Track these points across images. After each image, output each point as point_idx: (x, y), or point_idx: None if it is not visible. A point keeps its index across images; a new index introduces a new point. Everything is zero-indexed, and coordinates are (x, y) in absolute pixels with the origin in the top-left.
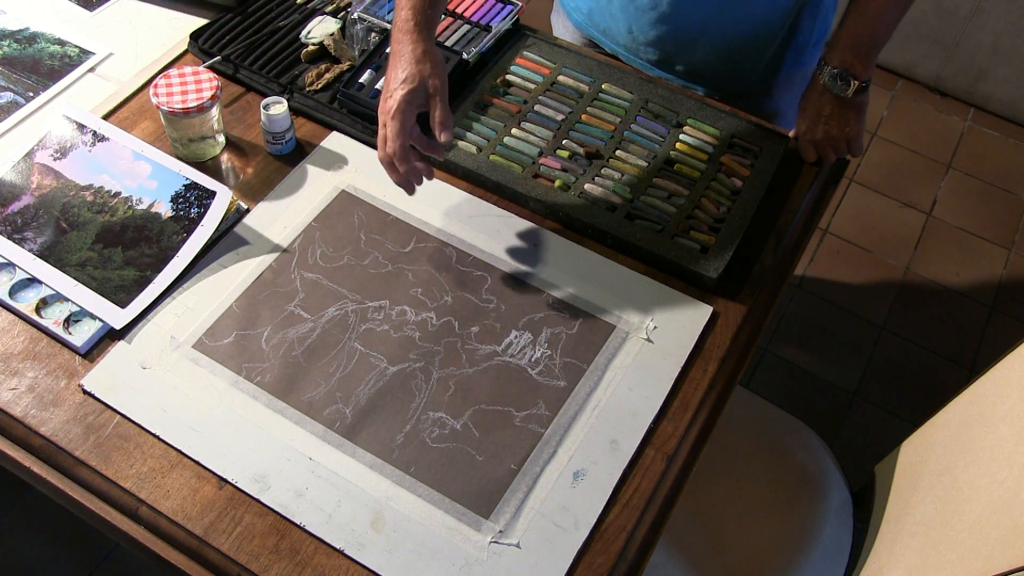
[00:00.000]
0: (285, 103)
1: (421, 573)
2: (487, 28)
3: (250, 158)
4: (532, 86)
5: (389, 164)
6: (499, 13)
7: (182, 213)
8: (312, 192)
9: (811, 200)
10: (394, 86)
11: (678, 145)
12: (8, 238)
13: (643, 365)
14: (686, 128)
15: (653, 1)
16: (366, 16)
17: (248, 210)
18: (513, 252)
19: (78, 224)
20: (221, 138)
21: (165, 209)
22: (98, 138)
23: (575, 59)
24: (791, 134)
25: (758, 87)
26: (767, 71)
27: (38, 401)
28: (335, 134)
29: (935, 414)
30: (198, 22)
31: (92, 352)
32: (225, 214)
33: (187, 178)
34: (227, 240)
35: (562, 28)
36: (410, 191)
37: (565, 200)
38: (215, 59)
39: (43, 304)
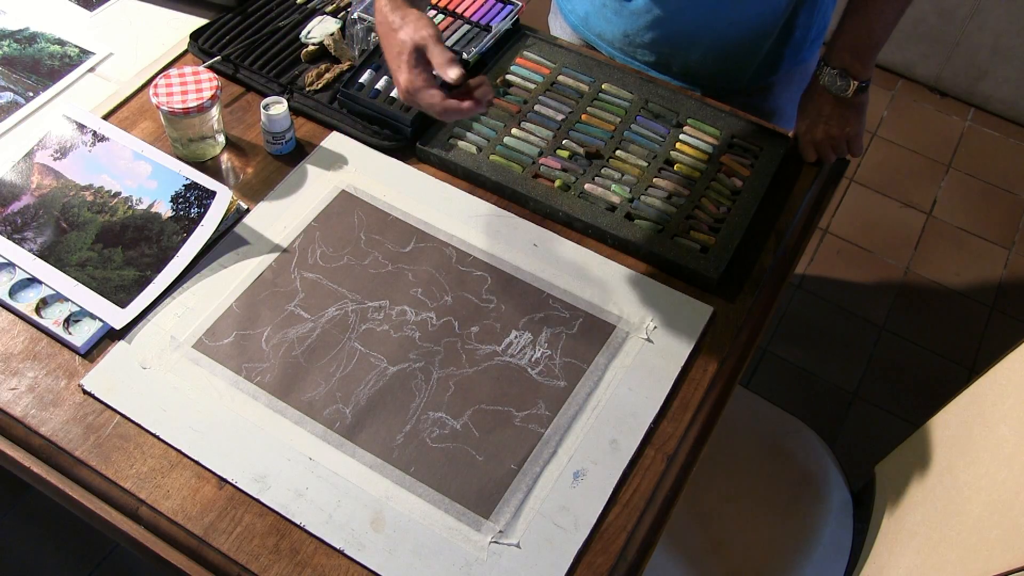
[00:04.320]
0: (285, 103)
1: (421, 573)
2: (487, 28)
3: (250, 158)
4: (532, 86)
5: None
6: (499, 13)
7: (182, 213)
8: (312, 192)
9: (811, 200)
10: (394, 65)
11: (678, 145)
12: (8, 238)
13: (643, 365)
14: (686, 128)
15: (647, 5)
16: (366, 16)
17: (248, 210)
18: (513, 252)
19: (78, 224)
20: (221, 138)
21: (165, 209)
22: (98, 138)
23: (575, 59)
24: (791, 134)
25: (755, 84)
26: (763, 68)
27: (38, 401)
28: (335, 134)
29: (935, 414)
30: (198, 22)
31: (92, 352)
32: (225, 214)
33: (187, 178)
34: (227, 240)
35: (559, 30)
36: (484, 109)
37: (565, 200)
38: (215, 59)
39: (43, 304)
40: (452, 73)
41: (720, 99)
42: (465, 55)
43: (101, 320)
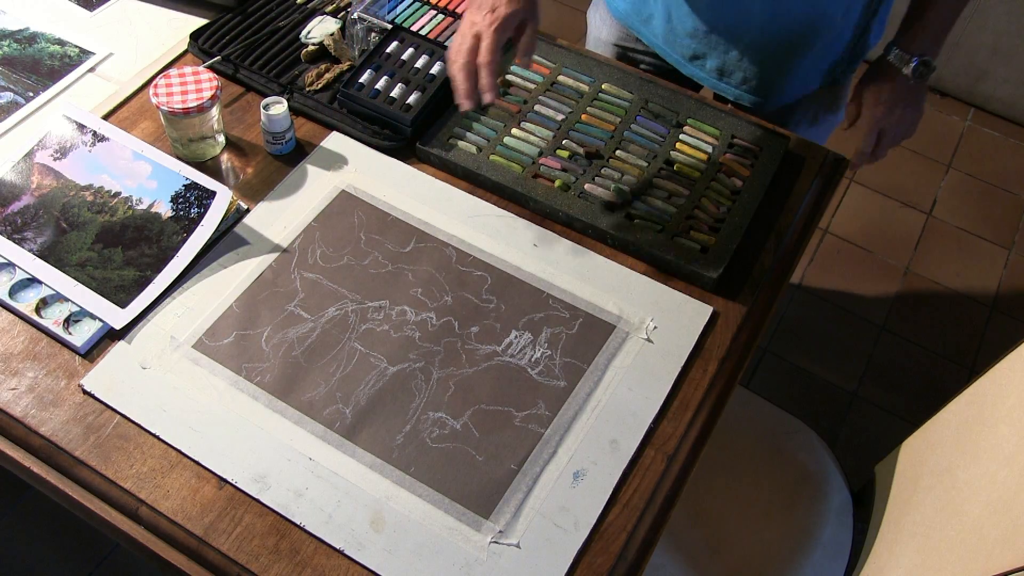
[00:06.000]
0: (285, 103)
1: (421, 573)
2: None
3: (250, 158)
4: (532, 86)
5: (471, 73)
6: None
7: (182, 213)
8: (312, 192)
9: (811, 200)
10: (501, 2)
11: (678, 145)
12: (8, 238)
13: (643, 365)
14: (686, 128)
15: None
16: (366, 16)
17: (248, 210)
18: (513, 252)
19: (78, 224)
20: (221, 138)
21: (165, 209)
22: (98, 138)
23: (575, 59)
24: (843, 127)
25: (781, 103)
26: (796, 83)
27: (38, 401)
28: (335, 134)
29: (935, 414)
30: (198, 22)
31: (92, 352)
32: (225, 214)
33: (187, 178)
34: (227, 240)
35: (599, 21)
36: (473, 104)
37: (565, 200)
38: (215, 59)
39: (43, 304)
40: (527, 63)
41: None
42: None
43: (101, 320)
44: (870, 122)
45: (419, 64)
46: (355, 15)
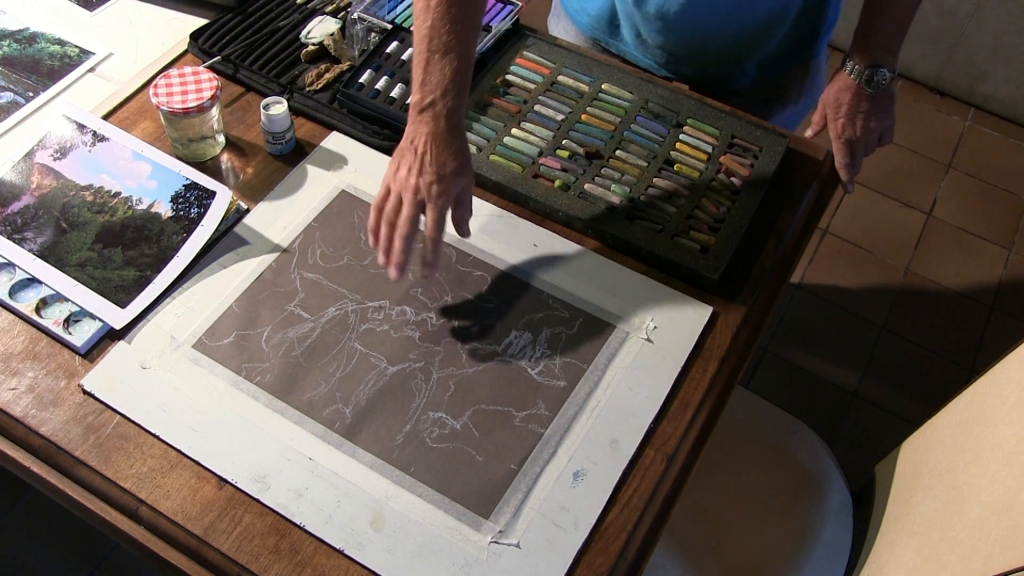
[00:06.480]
0: (285, 103)
1: (421, 573)
2: (487, 28)
3: (250, 158)
4: (532, 86)
5: (411, 243)
6: (499, 13)
7: (182, 213)
8: (312, 192)
9: (811, 200)
10: (448, 170)
11: (678, 145)
12: (8, 238)
13: (643, 365)
14: (686, 128)
15: (659, 11)
16: (366, 16)
17: (248, 210)
18: (513, 252)
19: (78, 224)
20: (221, 138)
21: (165, 209)
22: (98, 138)
23: (575, 59)
24: (808, 134)
25: (759, 79)
26: (768, 62)
27: (38, 401)
28: (335, 134)
29: (935, 414)
30: (198, 22)
31: (92, 352)
32: (225, 214)
33: (187, 178)
34: (227, 240)
35: (562, 32)
36: (400, 276)
37: (565, 200)
38: (215, 59)
39: (43, 304)
40: (465, 235)
41: (729, 95)
42: None
43: (101, 320)
44: (834, 136)
45: None
46: (355, 15)
